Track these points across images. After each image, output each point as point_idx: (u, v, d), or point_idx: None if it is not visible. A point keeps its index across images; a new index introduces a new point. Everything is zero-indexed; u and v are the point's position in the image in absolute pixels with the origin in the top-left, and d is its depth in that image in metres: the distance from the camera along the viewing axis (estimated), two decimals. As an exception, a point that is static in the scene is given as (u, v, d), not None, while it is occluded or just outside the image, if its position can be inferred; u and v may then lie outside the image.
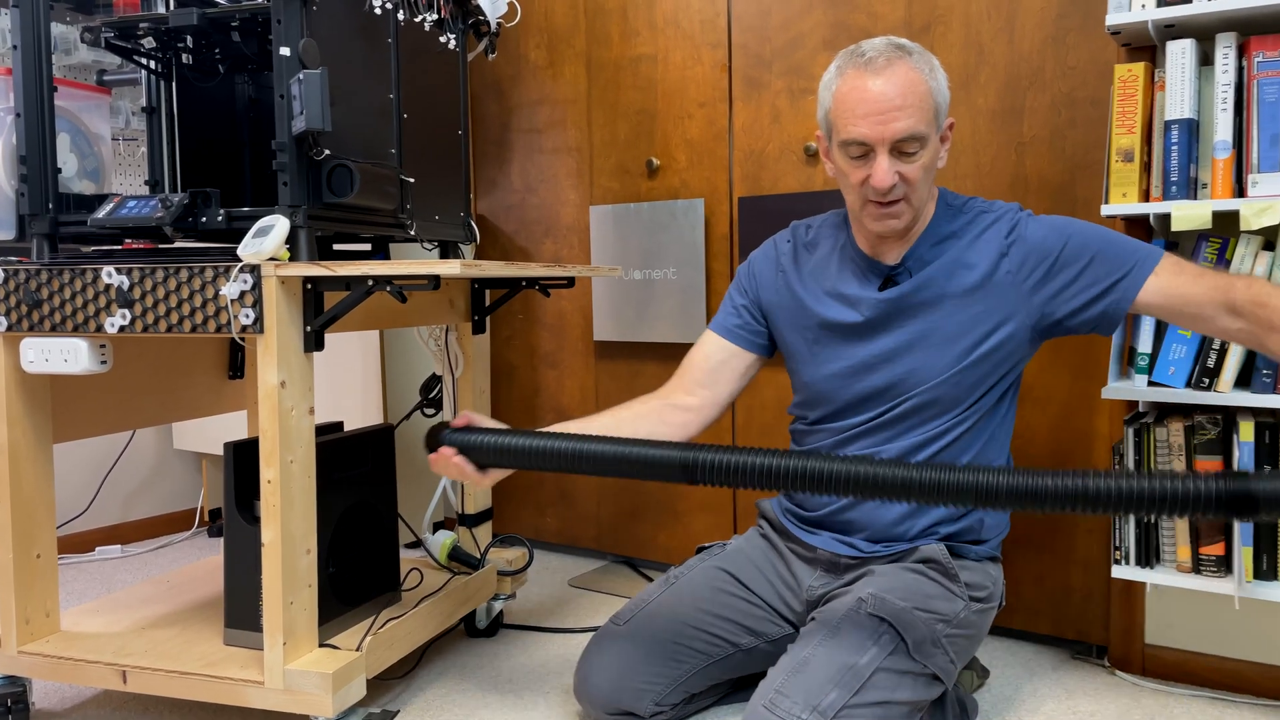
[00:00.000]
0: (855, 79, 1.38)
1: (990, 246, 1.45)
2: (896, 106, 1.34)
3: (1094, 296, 1.39)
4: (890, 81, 1.35)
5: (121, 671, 1.49)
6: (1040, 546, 1.87)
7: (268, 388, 1.39)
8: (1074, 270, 1.40)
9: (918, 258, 1.48)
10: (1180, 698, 1.65)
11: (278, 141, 1.42)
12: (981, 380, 1.46)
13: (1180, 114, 1.51)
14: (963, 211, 1.49)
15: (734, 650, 1.57)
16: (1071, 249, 1.40)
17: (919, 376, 1.47)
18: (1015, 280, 1.43)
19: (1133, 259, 1.37)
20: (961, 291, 1.45)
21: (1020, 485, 1.08)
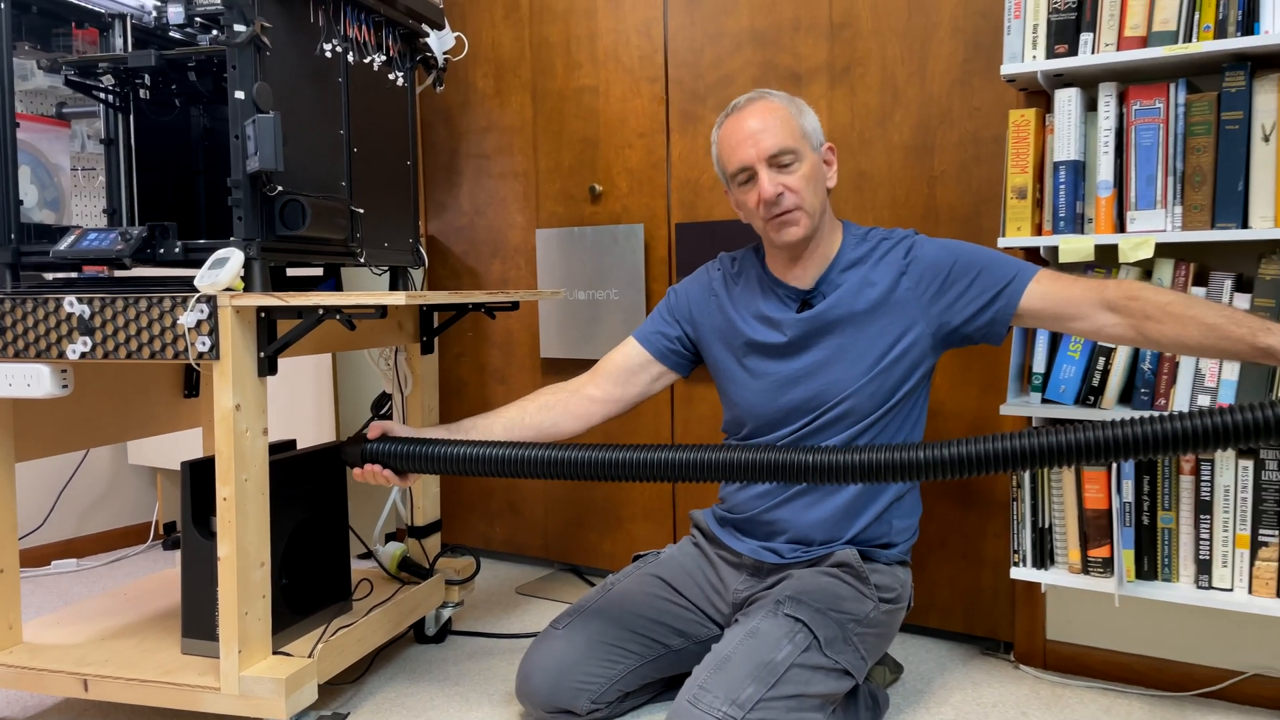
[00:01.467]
0: (729, 124, 1.61)
1: (891, 267, 1.60)
2: (761, 129, 1.56)
3: (984, 304, 1.54)
4: (753, 114, 1.58)
5: (83, 680, 1.57)
6: (953, 550, 2.01)
7: (223, 411, 1.48)
8: (965, 282, 1.55)
9: (830, 281, 1.62)
10: (1075, 689, 1.80)
11: (233, 179, 1.51)
12: (893, 388, 1.60)
13: (1068, 156, 1.66)
14: (865, 240, 1.64)
15: (665, 651, 1.68)
16: (961, 265, 1.56)
17: (837, 387, 1.60)
18: (915, 295, 1.57)
19: (1015, 270, 1.54)
20: (868, 308, 1.59)
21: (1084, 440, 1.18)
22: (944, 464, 1.22)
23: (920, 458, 1.23)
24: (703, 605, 1.72)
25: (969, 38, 1.92)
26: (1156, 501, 1.64)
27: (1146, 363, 1.62)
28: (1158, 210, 1.61)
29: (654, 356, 1.76)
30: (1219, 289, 1.58)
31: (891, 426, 1.62)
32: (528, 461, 1.43)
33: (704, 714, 1.41)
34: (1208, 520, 1.61)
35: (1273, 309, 1.54)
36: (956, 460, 1.21)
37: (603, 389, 1.74)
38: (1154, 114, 1.61)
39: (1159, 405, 1.61)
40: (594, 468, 1.40)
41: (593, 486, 2.51)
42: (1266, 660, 1.71)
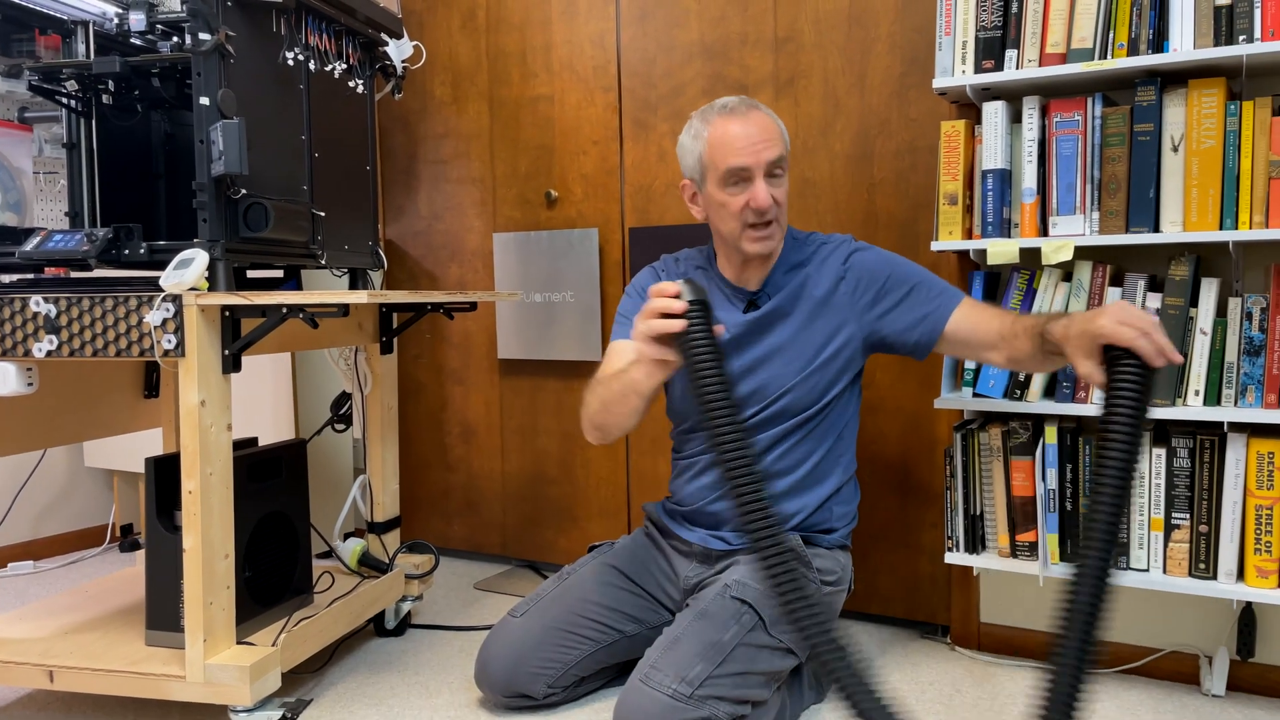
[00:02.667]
0: (726, 124, 1.62)
1: (831, 271, 1.69)
2: (766, 139, 1.61)
3: (913, 322, 1.63)
4: (755, 121, 1.62)
5: (48, 671, 1.60)
6: (893, 540, 2.11)
7: (189, 407, 1.53)
8: (897, 295, 1.65)
9: (774, 283, 1.71)
10: (1005, 667, 1.90)
11: (198, 182, 1.56)
12: (827, 386, 1.69)
13: (995, 164, 1.77)
14: (807, 243, 1.73)
15: (619, 636, 1.76)
16: (896, 278, 1.66)
17: (777, 383, 1.69)
18: (851, 299, 1.67)
19: (942, 294, 1.64)
20: (809, 310, 1.68)
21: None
22: None
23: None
24: (655, 593, 1.79)
25: (905, 53, 2.02)
26: (1079, 488, 1.75)
27: (1068, 358, 1.73)
28: (1077, 215, 1.72)
29: None
30: (1133, 289, 1.69)
31: (824, 425, 1.71)
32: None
33: (655, 692, 1.48)
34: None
35: (1182, 307, 1.65)
36: None
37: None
38: (1073, 126, 1.72)
39: (1079, 398, 1.72)
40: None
41: (548, 484, 2.58)
42: (1180, 638, 1.82)
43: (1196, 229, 1.63)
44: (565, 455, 2.55)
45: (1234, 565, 1.64)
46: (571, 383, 2.52)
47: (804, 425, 1.70)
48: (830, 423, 1.71)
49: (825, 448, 1.72)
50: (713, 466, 1.73)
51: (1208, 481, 1.65)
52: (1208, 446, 1.65)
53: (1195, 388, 1.64)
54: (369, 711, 1.74)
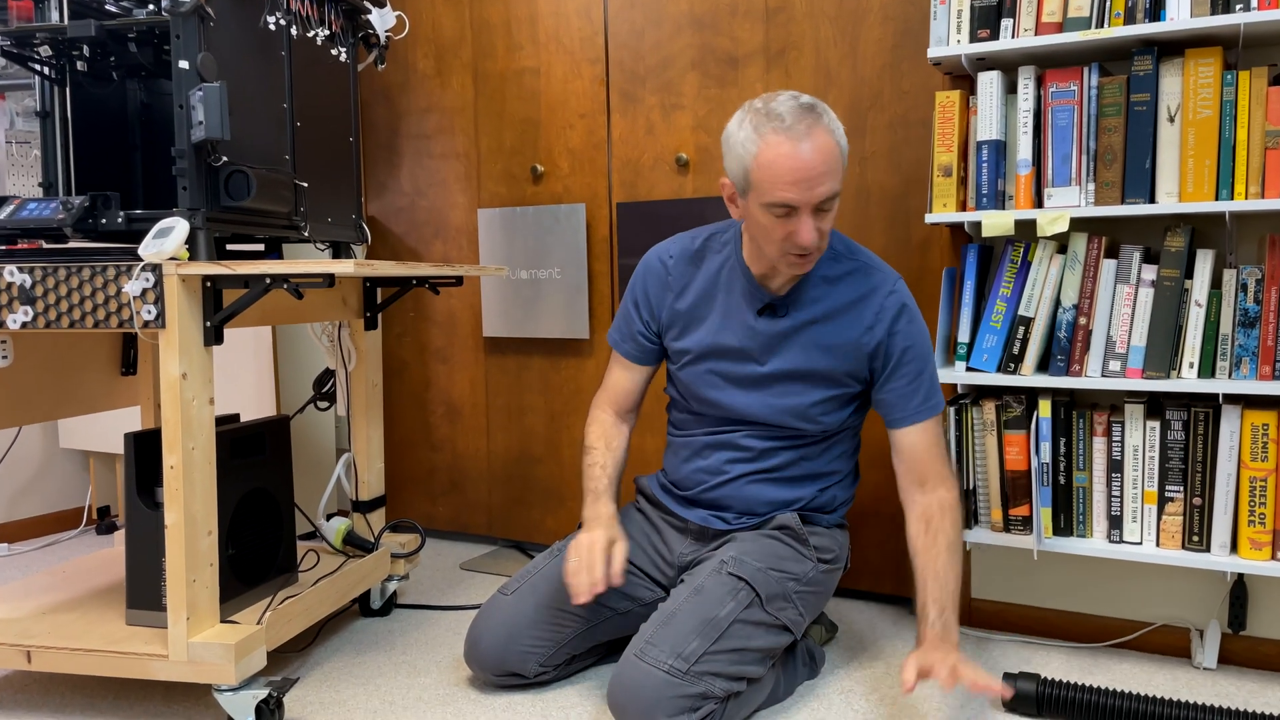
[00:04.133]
0: (780, 145, 1.43)
1: (865, 312, 1.62)
2: (821, 173, 1.44)
3: (890, 400, 1.63)
4: (814, 149, 1.43)
5: (26, 652, 1.56)
6: (884, 517, 2.10)
7: (170, 379, 1.49)
8: (897, 373, 1.62)
9: (799, 296, 1.63)
10: (997, 642, 1.90)
11: (177, 149, 1.52)
12: (830, 410, 1.66)
13: (990, 135, 1.75)
14: (846, 257, 1.65)
15: (612, 614, 1.73)
16: (912, 358, 1.62)
17: (782, 402, 1.65)
18: (871, 353, 1.62)
19: (921, 401, 1.61)
20: (830, 340, 1.63)
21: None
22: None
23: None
24: (648, 569, 1.77)
25: (898, 24, 2.00)
26: (1072, 462, 1.75)
27: (1062, 330, 1.72)
28: (1073, 187, 1.71)
29: (649, 367, 1.80)
30: (1129, 261, 1.68)
31: (837, 437, 1.70)
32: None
33: (651, 667, 1.46)
34: (1119, 478, 1.71)
35: (1177, 279, 1.64)
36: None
37: (632, 413, 1.84)
38: (1069, 96, 1.71)
39: (1074, 371, 1.71)
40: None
41: (534, 464, 2.55)
42: (1172, 611, 1.83)
43: (1192, 200, 1.62)
44: (552, 434, 2.52)
45: (1227, 537, 1.64)
46: (558, 361, 2.49)
47: (818, 443, 1.69)
48: (833, 442, 1.71)
49: (837, 451, 1.71)
50: (713, 448, 1.72)
51: (1201, 454, 1.65)
52: (1202, 419, 1.64)
53: (1190, 360, 1.64)
54: (356, 691, 1.71)
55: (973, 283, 1.81)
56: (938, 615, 1.52)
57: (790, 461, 1.68)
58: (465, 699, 1.68)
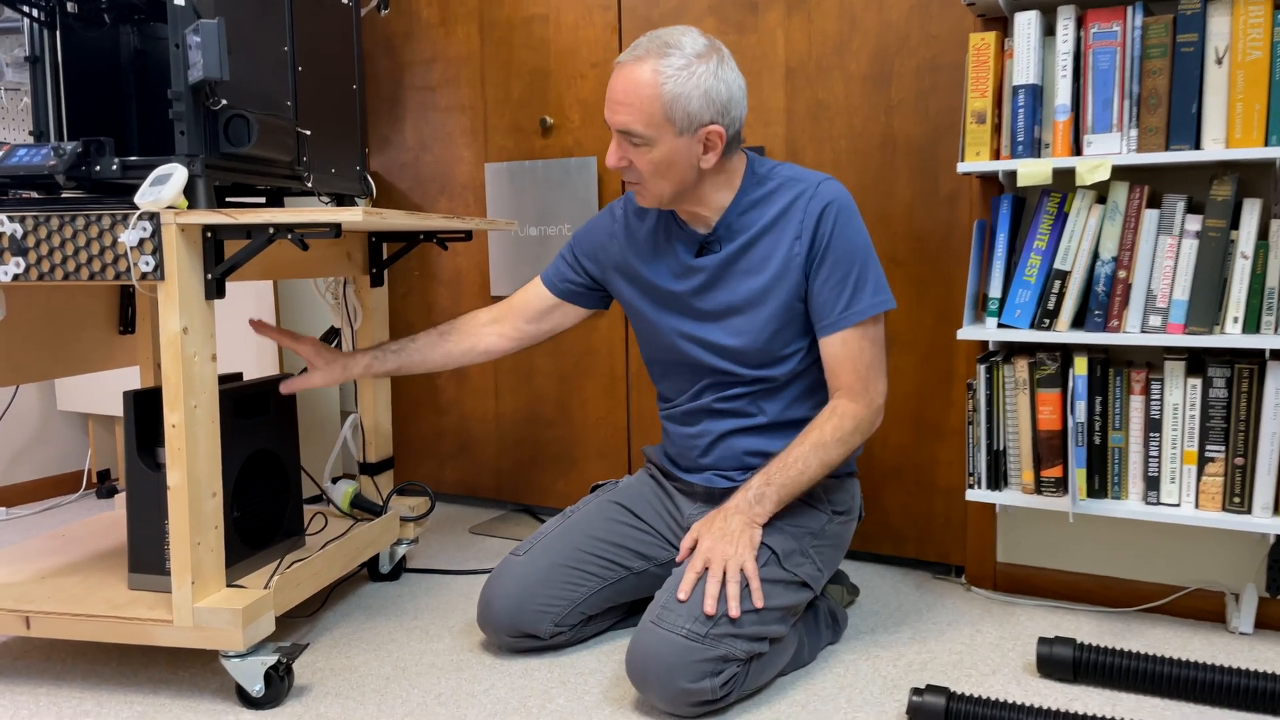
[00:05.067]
0: (614, 72, 1.51)
1: (790, 223, 1.56)
2: (619, 101, 1.47)
3: (813, 308, 1.57)
4: (623, 78, 1.47)
5: (25, 617, 1.50)
6: (906, 479, 2.04)
7: (170, 334, 1.42)
8: (818, 276, 1.55)
9: (726, 226, 1.59)
10: (1025, 608, 1.85)
11: (174, 90, 1.44)
12: (788, 340, 1.59)
13: (1026, 80, 1.67)
14: (768, 179, 1.59)
15: (626, 573, 1.68)
16: (833, 258, 1.54)
17: (748, 341, 1.59)
18: (803, 263, 1.55)
19: (844, 307, 1.54)
20: (761, 265, 1.57)
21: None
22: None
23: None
24: (662, 529, 1.72)
25: (927, -36, 1.91)
26: (1108, 422, 1.68)
27: (1100, 284, 1.65)
28: (1114, 133, 1.63)
29: (561, 299, 1.77)
30: (1172, 211, 1.61)
31: (817, 370, 1.62)
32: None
33: (669, 633, 1.41)
34: (1157, 438, 1.65)
35: (1223, 230, 1.57)
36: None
37: (516, 328, 1.78)
38: (1111, 37, 1.62)
39: (1112, 327, 1.64)
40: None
41: (544, 426, 2.49)
42: (1207, 575, 1.77)
43: (1240, 146, 1.54)
44: (562, 396, 2.46)
45: (1270, 498, 1.58)
46: (569, 320, 2.42)
47: (796, 380, 1.62)
48: (818, 368, 1.63)
49: (822, 394, 1.63)
50: (696, 414, 1.66)
51: (1245, 412, 1.58)
52: (1246, 376, 1.58)
53: (1234, 314, 1.57)
54: (368, 656, 1.66)
55: (1005, 235, 1.73)
56: (761, 484, 1.52)
57: (771, 409, 1.62)
58: (479, 664, 1.63)
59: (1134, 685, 1.48)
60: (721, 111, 1.49)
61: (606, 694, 1.51)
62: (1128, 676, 1.48)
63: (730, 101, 1.49)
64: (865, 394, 1.55)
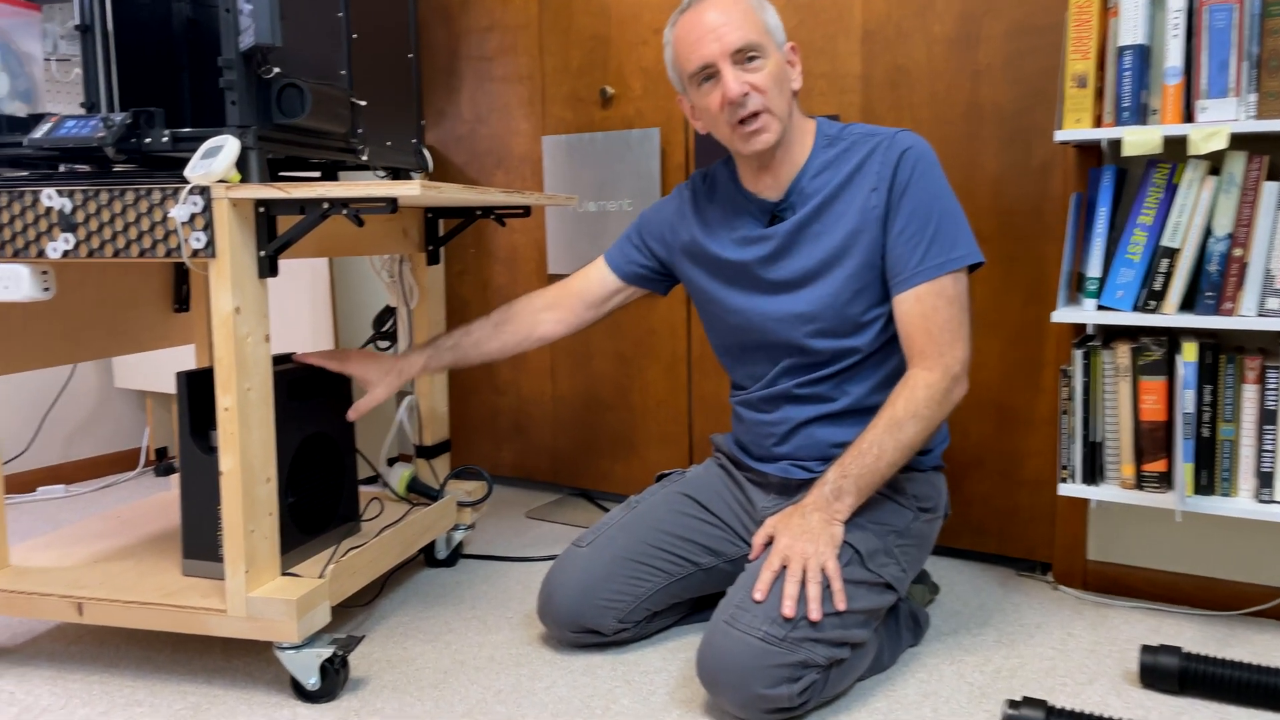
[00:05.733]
0: (685, 19, 1.46)
1: (867, 175, 1.46)
2: (724, 23, 1.41)
3: (888, 264, 1.46)
4: (713, 6, 1.43)
5: (77, 604, 1.46)
6: (989, 470, 1.92)
7: (222, 314, 1.36)
8: (893, 228, 1.44)
9: (800, 191, 1.49)
10: (1120, 609, 1.73)
11: (225, 58, 1.37)
12: (868, 303, 1.48)
13: (1133, 40, 1.53)
14: (840, 138, 1.50)
15: (694, 569, 1.60)
16: (909, 207, 1.43)
17: (825, 313, 1.49)
18: (881, 215, 1.45)
19: (919, 261, 1.42)
20: (835, 224, 1.47)
21: None
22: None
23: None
24: (732, 523, 1.63)
25: (1020, -83, 1.77)
26: (1217, 412, 1.55)
27: (1213, 263, 1.52)
28: (1230, 99, 1.49)
29: (626, 282, 1.69)
30: (1295, 183, 1.47)
31: (878, 347, 1.51)
32: None
33: (744, 634, 1.32)
34: (1272, 431, 1.52)
35: (1355, 204, 1.43)
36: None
37: (575, 313, 1.70)
38: (1230, -7, 1.48)
39: (1225, 310, 1.51)
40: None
41: (604, 410, 2.41)
42: (1321, 578, 1.64)
43: (1379, 111, 1.39)
44: (621, 378, 2.37)
45: (1402, 499, 1.44)
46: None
47: (879, 358, 1.51)
48: (883, 346, 1.51)
49: (884, 371, 1.52)
50: (774, 400, 1.56)
51: (1376, 404, 1.45)
52: (1378, 364, 1.44)
53: (1366, 297, 1.43)
54: (425, 648, 1.60)
55: (1106, 210, 1.60)
56: (837, 477, 1.42)
57: (854, 391, 1.52)
58: (540, 659, 1.56)
59: (1247, 699, 1.36)
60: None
61: (674, 695, 1.44)
62: (1240, 690, 1.36)
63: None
64: (939, 360, 1.42)
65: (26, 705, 1.43)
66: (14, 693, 1.47)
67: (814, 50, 2.00)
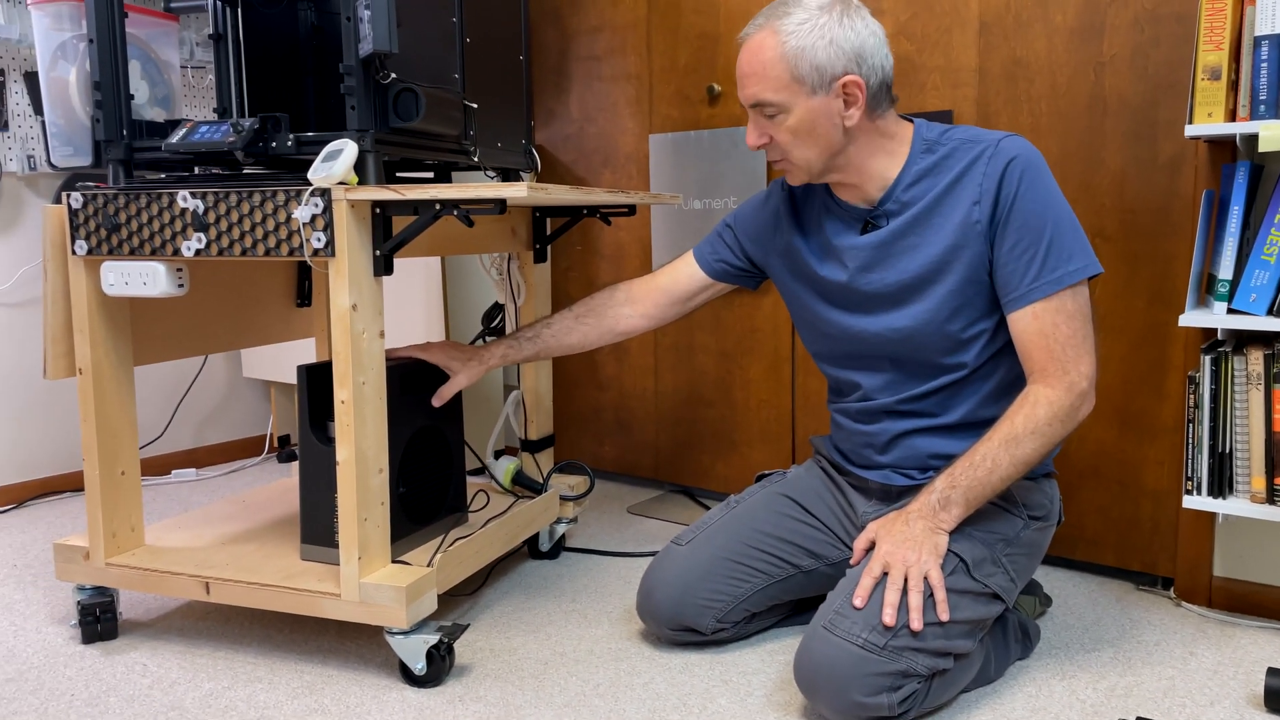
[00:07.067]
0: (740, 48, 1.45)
1: (969, 185, 1.40)
2: (744, 74, 1.41)
3: (999, 280, 1.40)
4: (746, 50, 1.41)
5: (205, 583, 1.55)
6: (1106, 478, 1.85)
7: (340, 311, 1.42)
8: (1003, 242, 1.39)
9: (895, 199, 1.44)
10: (1247, 629, 1.64)
11: (345, 64, 1.43)
12: (970, 319, 1.43)
13: (1272, 30, 1.44)
14: (940, 144, 1.44)
15: (795, 571, 1.59)
16: (1019, 221, 1.37)
17: (910, 320, 1.45)
18: (985, 229, 1.39)
19: (1034, 277, 1.36)
20: (935, 236, 1.42)
21: None
22: None
23: None
24: (833, 526, 1.61)
25: (1150, -100, 1.69)
26: (1362, 424, 1.45)
27: (1360, 266, 1.42)
28: (1383, 89, 1.39)
29: (716, 279, 1.68)
30: None
31: (1003, 354, 1.46)
32: None
33: (843, 641, 1.30)
34: None
35: None
36: None
37: (659, 307, 1.70)
38: (1384, -25, 1.38)
39: (1372, 315, 1.41)
40: None
41: (704, 407, 2.41)
42: None
43: None
44: (723, 375, 2.37)
45: None
46: (730, 298, 2.32)
47: (988, 372, 1.46)
48: (1013, 356, 1.46)
49: (1015, 373, 1.47)
50: (873, 413, 1.53)
51: None
52: None
53: None
54: (526, 639, 1.64)
55: (1240, 208, 1.51)
56: (945, 487, 1.38)
57: (961, 408, 1.47)
58: (639, 655, 1.58)
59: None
60: (855, 59, 1.37)
61: (771, 698, 1.43)
62: None
63: (864, 48, 1.37)
64: (1063, 377, 1.37)
65: (158, 677, 1.52)
66: (147, 665, 1.57)
67: (928, 43, 1.95)
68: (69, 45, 1.64)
